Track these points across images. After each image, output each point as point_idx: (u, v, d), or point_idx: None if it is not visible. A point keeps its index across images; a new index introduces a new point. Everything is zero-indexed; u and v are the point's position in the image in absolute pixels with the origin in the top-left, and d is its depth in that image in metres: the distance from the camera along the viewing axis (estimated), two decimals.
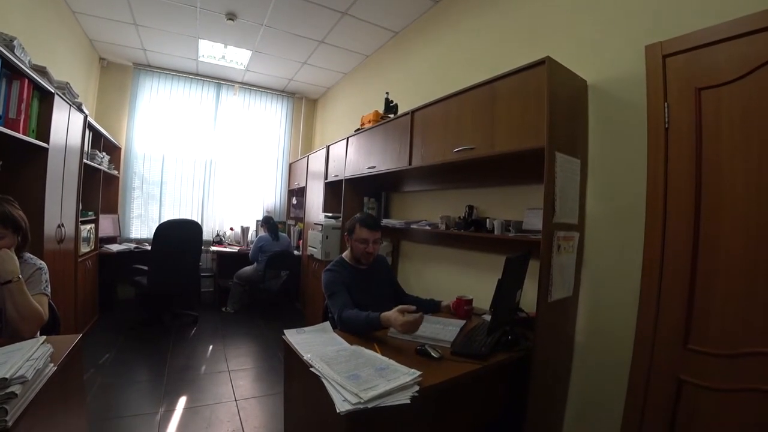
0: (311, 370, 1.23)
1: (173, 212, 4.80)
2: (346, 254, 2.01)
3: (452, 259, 2.66)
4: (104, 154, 3.74)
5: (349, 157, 3.29)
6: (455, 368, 1.34)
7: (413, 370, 1.21)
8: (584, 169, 1.78)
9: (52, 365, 1.08)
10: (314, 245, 3.65)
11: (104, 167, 3.71)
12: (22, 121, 1.93)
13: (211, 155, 5.03)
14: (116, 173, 4.37)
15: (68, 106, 2.54)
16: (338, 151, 3.53)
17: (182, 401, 2.32)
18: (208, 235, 4.82)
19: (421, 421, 1.33)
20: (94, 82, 4.32)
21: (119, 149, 4.45)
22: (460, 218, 2.35)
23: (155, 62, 4.57)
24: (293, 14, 3.33)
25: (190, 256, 3.71)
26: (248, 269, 4.31)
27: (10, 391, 0.86)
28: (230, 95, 5.15)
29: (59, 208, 2.52)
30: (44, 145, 2.15)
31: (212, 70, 4.74)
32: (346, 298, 1.75)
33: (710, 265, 1.33)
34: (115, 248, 4.01)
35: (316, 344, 1.47)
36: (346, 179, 3.28)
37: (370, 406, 1.04)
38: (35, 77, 2.01)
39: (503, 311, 1.60)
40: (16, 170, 2.09)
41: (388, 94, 3.07)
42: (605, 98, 1.74)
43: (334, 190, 3.63)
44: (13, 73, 1.87)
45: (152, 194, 4.76)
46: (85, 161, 3.04)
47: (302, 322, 3.91)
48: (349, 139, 3.31)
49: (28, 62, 1.99)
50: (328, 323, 1.75)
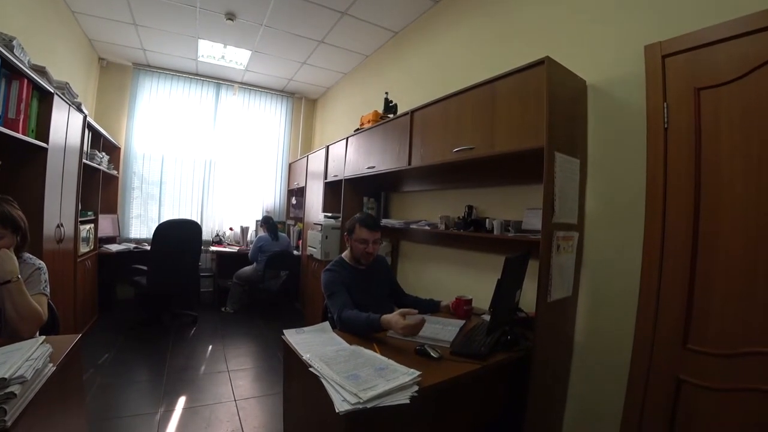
0: (310, 370, 1.22)
1: (173, 212, 4.80)
2: (345, 254, 2.01)
3: (452, 259, 2.66)
4: (104, 154, 3.74)
5: (348, 157, 3.29)
6: (455, 368, 1.34)
7: (412, 370, 1.21)
8: (584, 169, 1.78)
9: (51, 365, 1.08)
10: (314, 245, 3.64)
11: (104, 167, 3.70)
12: (21, 121, 1.93)
13: (210, 155, 5.02)
14: (116, 173, 4.37)
15: (68, 106, 2.53)
16: (338, 151, 3.53)
17: (182, 401, 2.32)
18: (207, 235, 4.82)
19: (420, 421, 1.33)
20: (93, 82, 4.32)
21: (119, 149, 4.45)
22: (459, 218, 2.35)
23: (155, 62, 4.56)
24: (293, 14, 3.33)
25: (189, 256, 3.71)
26: (248, 269, 4.30)
27: (9, 391, 0.86)
28: (230, 95, 5.14)
29: (58, 208, 2.52)
30: (43, 145, 2.15)
31: (212, 70, 4.74)
32: (345, 298, 1.75)
33: (709, 265, 1.33)
34: (114, 248, 4.01)
35: (315, 344, 1.47)
36: (345, 179, 3.28)
37: (369, 406, 1.04)
38: (35, 77, 2.01)
39: (503, 311, 1.60)
40: (15, 170, 2.09)
41: (387, 94, 3.07)
42: (605, 98, 1.75)
43: (333, 190, 3.63)
44: (12, 73, 1.87)
45: (152, 194, 4.76)
46: (84, 161, 3.04)
47: (302, 322, 3.91)
48: (348, 139, 3.31)
49: (27, 62, 1.99)
50: (327, 323, 1.75)
